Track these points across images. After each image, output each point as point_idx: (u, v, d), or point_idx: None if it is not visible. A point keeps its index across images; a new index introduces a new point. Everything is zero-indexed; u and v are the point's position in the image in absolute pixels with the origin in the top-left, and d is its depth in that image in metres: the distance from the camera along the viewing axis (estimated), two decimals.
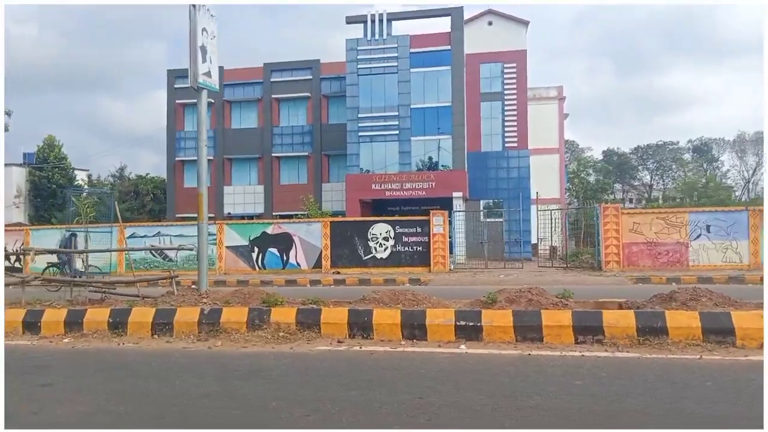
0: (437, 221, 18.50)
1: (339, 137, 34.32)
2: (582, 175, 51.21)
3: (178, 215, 35.56)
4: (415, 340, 6.87)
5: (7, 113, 31.76)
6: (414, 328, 6.93)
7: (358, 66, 30.98)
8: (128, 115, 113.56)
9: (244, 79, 36.11)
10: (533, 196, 33.14)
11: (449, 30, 30.67)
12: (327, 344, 6.83)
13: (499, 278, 16.24)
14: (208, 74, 9.28)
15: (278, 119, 36.00)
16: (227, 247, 20.62)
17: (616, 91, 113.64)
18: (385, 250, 19.14)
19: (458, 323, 6.81)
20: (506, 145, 33.28)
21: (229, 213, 35.51)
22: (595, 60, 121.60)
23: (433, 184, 29.67)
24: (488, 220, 30.82)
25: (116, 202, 11.07)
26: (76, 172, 55.99)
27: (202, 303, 7.90)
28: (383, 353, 6.35)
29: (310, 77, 35.21)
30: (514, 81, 33.37)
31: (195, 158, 36.74)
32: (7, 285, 9.97)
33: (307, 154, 35.37)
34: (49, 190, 51.50)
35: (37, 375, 5.77)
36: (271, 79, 35.69)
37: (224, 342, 7.07)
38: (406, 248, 19.06)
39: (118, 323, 7.70)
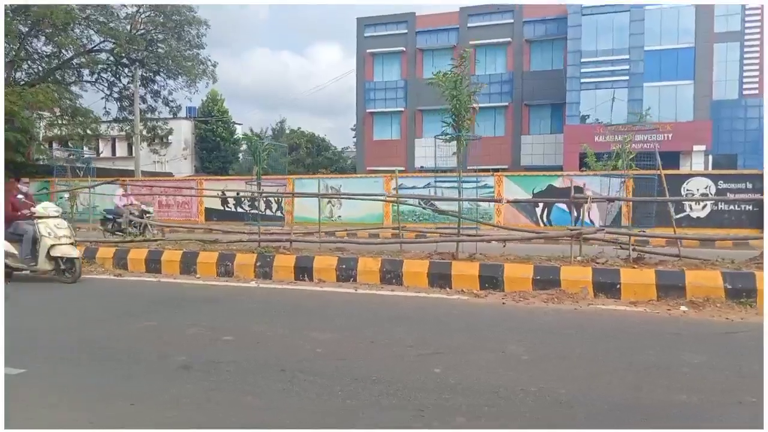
0: None
1: (542, 85, 31.95)
2: None
3: (369, 168, 34.90)
4: None
5: (214, 65, 31.81)
6: None
7: (582, 6, 28.14)
8: (234, 70, 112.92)
9: (438, 25, 34.27)
10: None
11: None
12: None
13: None
14: None
15: (474, 67, 33.95)
16: (507, 201, 19.17)
17: None
18: (703, 208, 16.95)
19: None
20: (743, 92, 29.37)
21: (421, 166, 34.39)
22: None
23: (670, 135, 26.69)
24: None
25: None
26: (235, 126, 57.68)
27: None
28: None
29: (512, 21, 32.73)
30: (758, 19, 29.08)
31: (386, 109, 35.92)
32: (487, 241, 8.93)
33: (506, 104, 33.27)
34: (214, 142, 53.22)
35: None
36: (468, 25, 33.58)
37: None
38: (732, 206, 16.76)
39: (668, 287, 6.31)
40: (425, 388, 3.81)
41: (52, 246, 8.03)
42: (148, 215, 15.27)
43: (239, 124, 61.14)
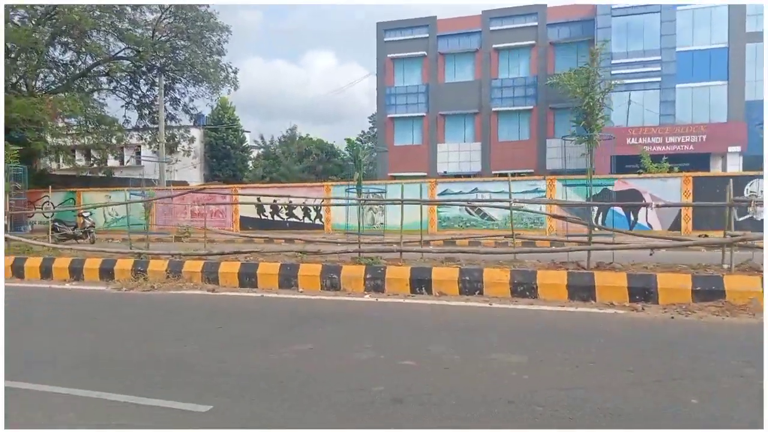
0: None
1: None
2: None
3: (390, 174, 34.35)
4: None
5: (235, 71, 31.15)
6: None
7: (612, 6, 27.81)
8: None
9: (459, 29, 33.87)
10: None
11: None
12: None
13: None
14: None
15: (497, 71, 33.59)
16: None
17: None
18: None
19: None
20: None
21: (444, 171, 33.94)
22: None
23: (704, 137, 26.34)
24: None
25: None
26: (244, 134, 57.16)
27: None
28: None
29: (536, 23, 32.36)
30: None
31: (408, 114, 35.45)
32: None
33: (530, 107, 32.86)
34: (224, 150, 52.65)
35: None
36: (490, 28, 33.21)
37: None
38: None
39: None
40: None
41: None
42: None
43: (248, 131, 60.54)
